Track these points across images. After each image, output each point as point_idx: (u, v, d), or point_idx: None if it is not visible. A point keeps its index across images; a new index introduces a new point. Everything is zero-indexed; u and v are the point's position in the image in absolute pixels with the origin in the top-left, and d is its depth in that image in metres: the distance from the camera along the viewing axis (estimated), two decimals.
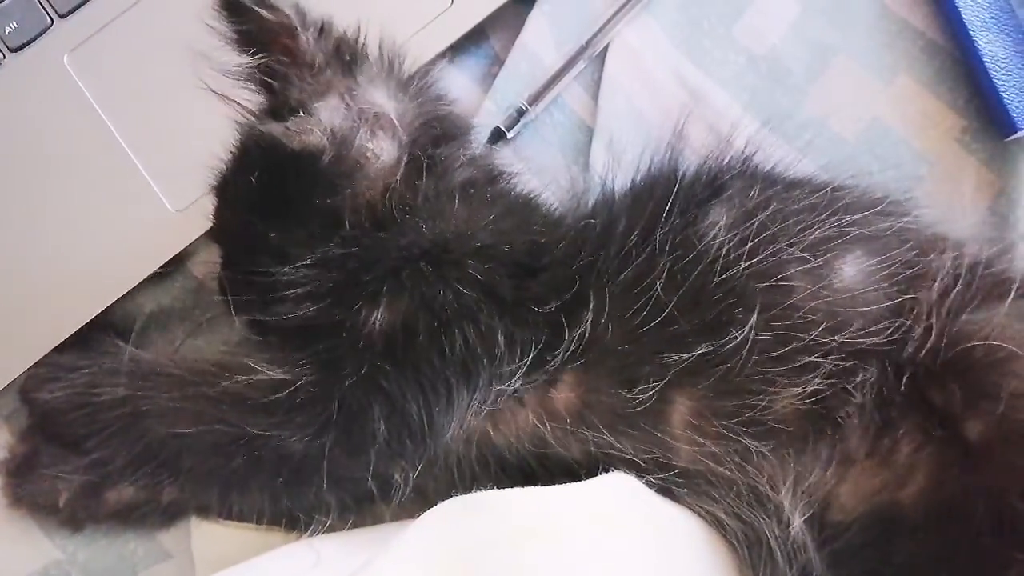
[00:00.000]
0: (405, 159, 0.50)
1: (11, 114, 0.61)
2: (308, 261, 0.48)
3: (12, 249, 0.59)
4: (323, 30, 0.50)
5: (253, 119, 0.51)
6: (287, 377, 0.46)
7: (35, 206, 0.59)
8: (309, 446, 0.46)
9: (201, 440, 0.47)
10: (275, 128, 0.49)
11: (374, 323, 0.46)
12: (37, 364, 0.55)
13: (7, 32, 0.62)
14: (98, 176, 0.59)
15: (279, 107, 0.50)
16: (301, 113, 0.49)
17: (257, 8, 0.48)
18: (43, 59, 0.61)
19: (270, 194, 0.50)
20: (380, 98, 0.51)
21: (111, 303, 0.57)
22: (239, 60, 0.51)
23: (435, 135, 0.53)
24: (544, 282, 0.48)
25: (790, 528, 0.44)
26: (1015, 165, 0.57)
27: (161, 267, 0.57)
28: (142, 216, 0.58)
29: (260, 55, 0.50)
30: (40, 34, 0.62)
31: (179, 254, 0.58)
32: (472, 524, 0.43)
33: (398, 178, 0.50)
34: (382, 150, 0.50)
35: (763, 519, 0.45)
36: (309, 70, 0.49)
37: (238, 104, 0.52)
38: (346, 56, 0.50)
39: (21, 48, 0.62)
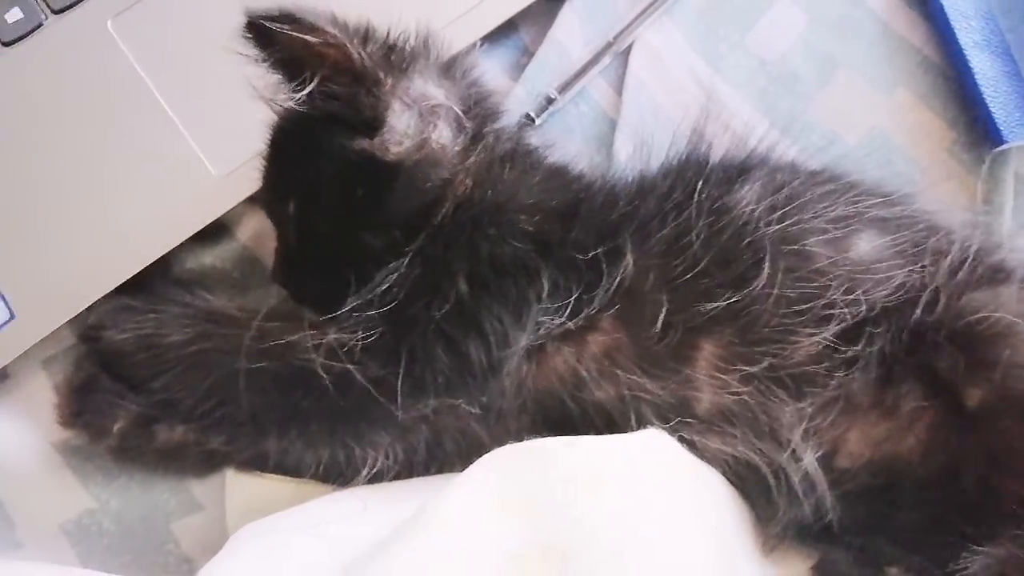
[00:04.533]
0: (475, 141, 0.54)
1: (55, 75, 0.62)
2: (408, 258, 0.50)
3: (56, 205, 0.60)
4: (367, 37, 0.51)
5: (338, 135, 0.52)
6: (360, 335, 0.49)
7: (80, 165, 0.60)
8: (376, 379, 0.49)
9: (265, 375, 0.50)
10: (367, 144, 0.51)
11: (448, 287, 0.49)
12: (106, 305, 0.56)
13: None
14: (142, 138, 0.61)
15: (359, 122, 0.51)
16: (379, 126, 0.51)
17: (299, 34, 0.48)
18: (86, 22, 0.63)
19: (365, 201, 0.52)
20: (430, 89, 0.53)
21: (151, 262, 0.58)
22: (288, 77, 0.51)
23: (487, 114, 0.56)
24: (585, 229, 0.52)
25: (803, 463, 0.48)
26: (1000, 175, 0.63)
27: (206, 228, 0.59)
28: (185, 179, 0.60)
29: (314, 79, 0.50)
30: None
31: (224, 217, 0.60)
32: (527, 468, 0.46)
33: (472, 162, 0.53)
34: (448, 139, 0.53)
35: (781, 456, 0.49)
36: (373, 84, 0.51)
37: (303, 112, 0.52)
38: (397, 58, 0.52)
39: (64, 10, 0.63)
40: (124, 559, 0.58)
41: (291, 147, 0.54)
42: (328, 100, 0.51)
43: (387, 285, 0.50)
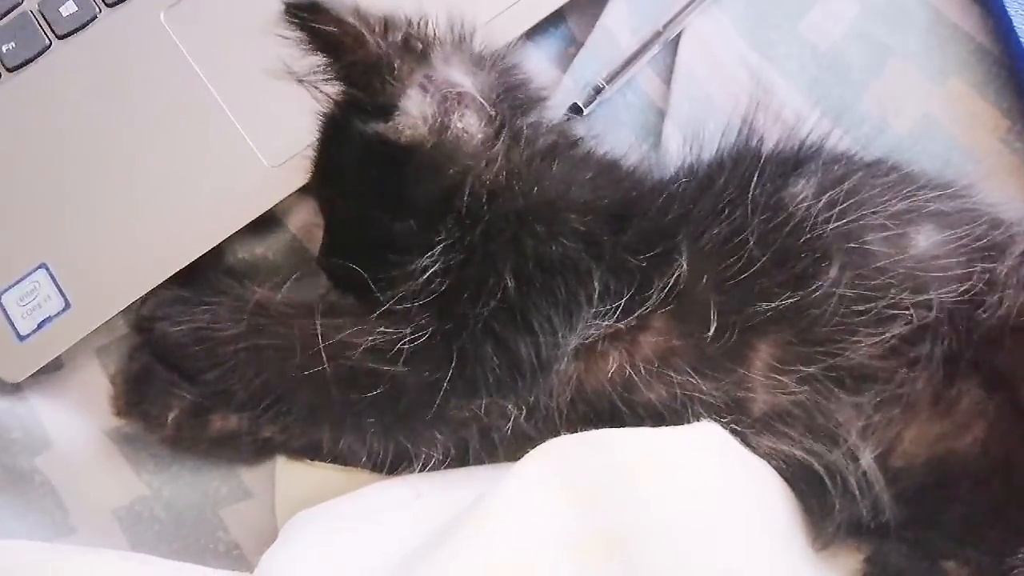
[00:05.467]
0: (500, 131, 0.53)
1: (109, 67, 0.63)
2: (441, 247, 0.50)
3: (109, 196, 0.61)
4: (387, 27, 0.52)
5: (351, 119, 0.53)
6: (408, 331, 0.49)
7: (133, 156, 0.61)
8: (427, 381, 0.49)
9: (320, 375, 0.50)
10: (381, 127, 0.52)
11: (495, 282, 0.49)
12: (159, 296, 0.57)
13: None
14: (195, 129, 0.61)
15: (372, 106, 0.52)
16: (396, 112, 0.51)
17: (319, 25, 0.51)
18: (140, 15, 0.64)
19: (386, 187, 0.53)
20: (458, 77, 0.53)
21: (203, 253, 0.59)
22: (319, 63, 0.53)
23: (519, 103, 0.55)
24: (638, 231, 0.51)
25: (860, 463, 0.48)
26: None
27: (257, 220, 0.60)
28: (237, 170, 0.60)
29: (336, 62, 0.52)
30: None
31: (275, 208, 0.60)
32: (584, 458, 0.46)
33: (498, 150, 0.52)
34: (473, 127, 0.53)
35: (837, 456, 0.48)
36: (388, 71, 0.51)
37: (327, 96, 0.55)
38: (416, 45, 0.52)
39: (118, 3, 0.64)
40: (175, 545, 0.58)
41: (331, 134, 0.55)
42: (348, 85, 0.53)
43: (428, 275, 0.50)
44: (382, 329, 0.49)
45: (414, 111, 0.52)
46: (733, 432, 0.49)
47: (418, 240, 0.51)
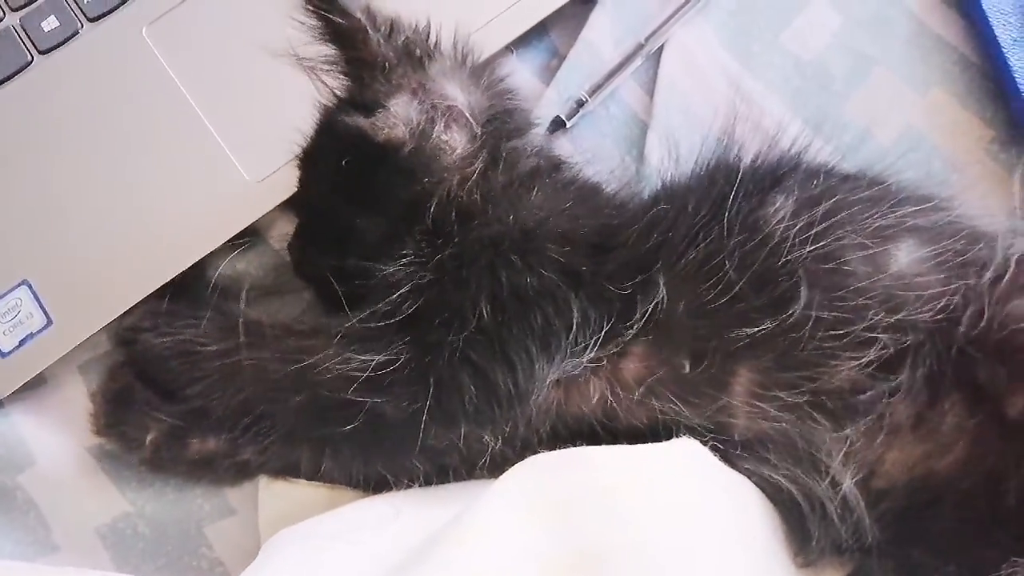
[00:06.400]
0: (480, 151, 0.53)
1: (91, 82, 0.63)
2: (408, 261, 0.50)
3: (92, 211, 0.60)
4: (393, 29, 0.53)
5: (339, 110, 0.54)
6: (382, 358, 0.49)
7: (115, 171, 0.61)
8: (405, 413, 0.49)
9: (299, 400, 0.50)
10: (362, 121, 0.52)
11: (469, 309, 0.49)
12: (145, 308, 0.57)
13: (86, 2, 0.64)
14: (177, 144, 0.61)
15: (360, 102, 0.53)
16: (380, 110, 0.52)
17: (329, 15, 0.52)
18: (122, 30, 0.64)
19: (356, 181, 0.53)
20: (452, 91, 0.53)
21: (185, 268, 0.59)
22: (322, 51, 0.54)
23: (506, 128, 0.55)
24: (617, 261, 0.51)
25: (841, 489, 0.48)
26: None
27: (239, 234, 0.60)
28: (220, 184, 0.60)
29: (339, 53, 0.54)
30: (119, 5, 0.64)
31: (257, 223, 0.60)
32: (563, 475, 0.46)
33: (474, 169, 0.53)
34: (457, 142, 0.53)
35: (817, 481, 0.48)
36: (381, 71, 0.52)
37: (324, 85, 0.55)
38: (416, 52, 0.53)
39: (100, 18, 0.64)
40: (159, 562, 0.58)
41: (321, 122, 0.56)
42: (346, 78, 0.54)
43: (399, 295, 0.50)
44: (355, 355, 0.49)
45: (398, 113, 0.52)
46: (714, 453, 0.48)
47: (382, 242, 0.51)
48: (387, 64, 0.52)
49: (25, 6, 0.64)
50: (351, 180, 0.53)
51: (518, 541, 0.44)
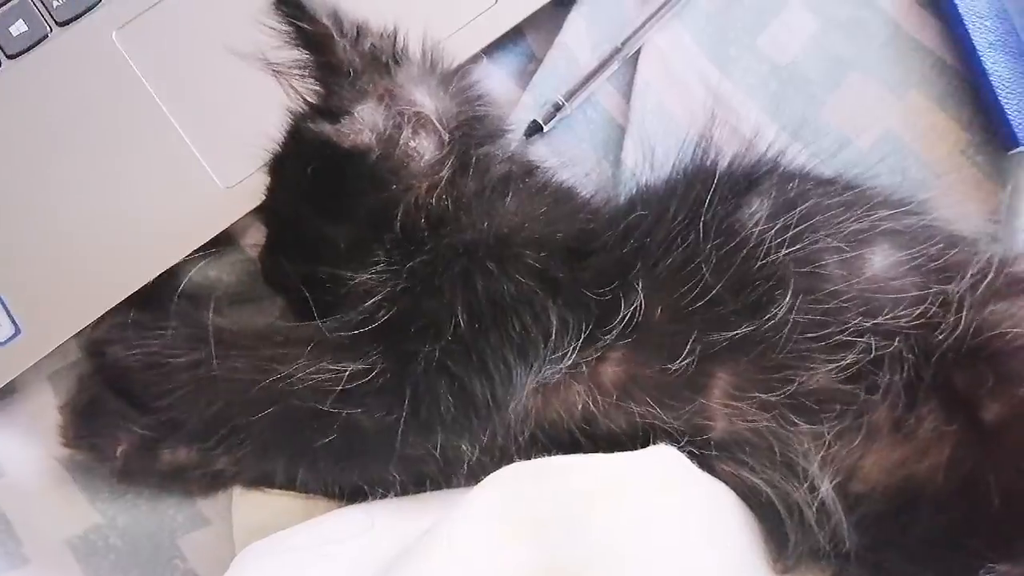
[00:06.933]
0: (448, 157, 0.53)
1: (60, 87, 0.62)
2: (380, 268, 0.50)
3: (61, 219, 0.60)
4: (360, 34, 0.52)
5: (305, 117, 0.54)
6: (358, 367, 0.48)
7: (85, 178, 0.60)
8: (381, 423, 0.48)
9: (273, 412, 0.49)
10: (327, 128, 0.52)
11: (445, 318, 0.48)
12: (112, 320, 0.56)
13: (55, 5, 0.63)
14: (147, 150, 0.60)
15: (327, 108, 0.53)
16: (345, 116, 0.51)
17: (295, 21, 0.51)
18: (91, 34, 0.63)
19: (323, 189, 0.52)
20: (421, 97, 0.53)
21: (156, 275, 0.58)
22: (292, 56, 0.53)
23: (476, 134, 0.55)
24: (594, 266, 0.50)
25: (819, 493, 0.47)
26: (1016, 177, 0.61)
27: (211, 241, 0.59)
28: (191, 191, 0.60)
29: (308, 58, 0.53)
30: (89, 9, 0.63)
31: (229, 230, 0.59)
32: (538, 486, 0.45)
33: (443, 176, 0.52)
34: (424, 149, 0.52)
35: (795, 485, 0.48)
36: (347, 77, 0.52)
37: (293, 90, 0.55)
38: (383, 58, 0.52)
39: (69, 22, 0.63)
40: (131, 574, 0.57)
41: (288, 129, 0.55)
42: (314, 84, 0.53)
43: (372, 303, 0.49)
44: (329, 365, 0.48)
45: (364, 120, 0.51)
46: (692, 458, 0.48)
47: (352, 250, 0.51)
48: (353, 70, 0.52)
49: None
50: (319, 188, 0.52)
51: (491, 555, 0.43)
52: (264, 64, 0.53)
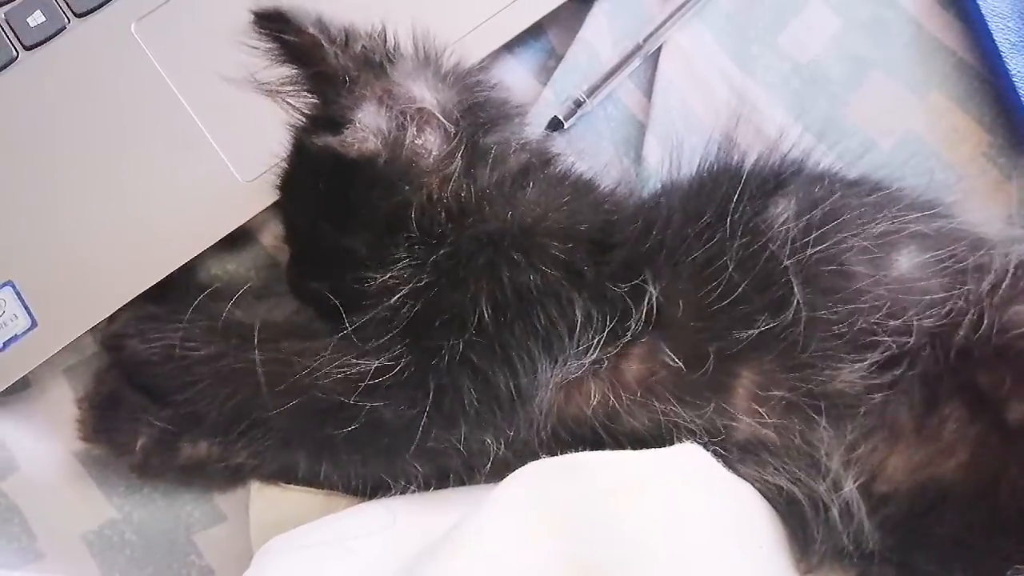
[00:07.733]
0: (457, 149, 0.52)
1: (78, 79, 0.61)
2: (403, 266, 0.49)
3: (79, 211, 0.59)
4: (348, 38, 0.51)
5: (307, 132, 0.53)
6: (381, 363, 0.47)
7: (103, 171, 0.60)
8: (405, 416, 0.48)
9: (296, 405, 0.48)
10: (331, 140, 0.50)
11: (469, 310, 0.48)
12: (130, 314, 0.56)
13: None
14: (166, 143, 0.60)
15: (328, 119, 0.51)
16: (348, 125, 0.50)
17: (281, 35, 0.50)
18: (110, 26, 0.62)
19: (337, 203, 0.52)
20: (419, 92, 0.52)
21: (174, 269, 0.57)
22: (283, 72, 0.52)
23: (482, 121, 0.54)
24: (619, 259, 0.50)
25: (843, 492, 0.47)
26: None
27: (230, 236, 0.58)
28: (211, 184, 0.59)
29: (299, 71, 0.52)
30: (107, 0, 0.62)
31: (248, 224, 0.59)
32: (565, 483, 0.45)
33: (454, 168, 0.51)
34: (432, 144, 0.52)
35: (819, 482, 0.48)
36: (343, 84, 0.50)
37: (292, 107, 0.54)
38: (376, 59, 0.51)
39: (87, 14, 0.63)
40: (146, 570, 0.57)
41: (292, 146, 0.55)
42: (310, 97, 0.52)
43: (397, 298, 0.48)
44: (353, 360, 0.48)
45: (367, 125, 0.50)
46: (716, 458, 0.48)
47: (371, 257, 0.50)
48: (348, 76, 0.50)
49: (10, 0, 0.63)
50: (332, 203, 0.52)
51: (517, 552, 0.43)
52: (256, 86, 0.53)
